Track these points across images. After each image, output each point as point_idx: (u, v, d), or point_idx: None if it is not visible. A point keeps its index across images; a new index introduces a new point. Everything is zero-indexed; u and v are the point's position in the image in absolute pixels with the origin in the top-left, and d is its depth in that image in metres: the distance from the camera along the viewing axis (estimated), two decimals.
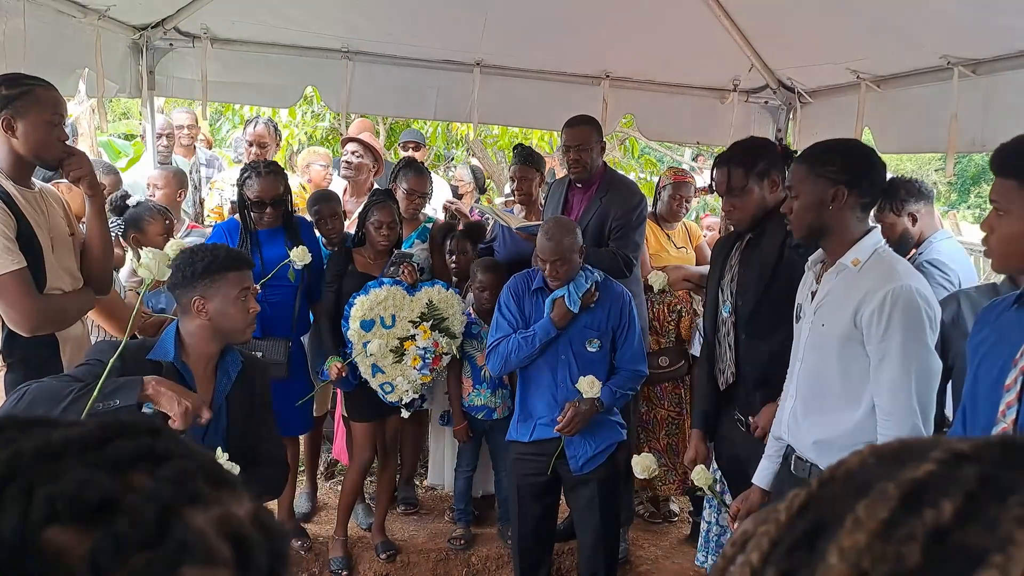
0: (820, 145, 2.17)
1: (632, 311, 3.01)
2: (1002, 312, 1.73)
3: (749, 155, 2.54)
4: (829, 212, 2.06)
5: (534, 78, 4.46)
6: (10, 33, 2.83)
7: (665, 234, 4.01)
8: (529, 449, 3.04)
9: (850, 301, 2.02)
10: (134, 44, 3.98)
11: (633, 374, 3.01)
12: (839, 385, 2.08)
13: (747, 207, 2.50)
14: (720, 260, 2.68)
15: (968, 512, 0.34)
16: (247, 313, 2.22)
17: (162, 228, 3.23)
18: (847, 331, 2.03)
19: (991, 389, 1.64)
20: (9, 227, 2.13)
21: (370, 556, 3.55)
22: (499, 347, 3.00)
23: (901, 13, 3.16)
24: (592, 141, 3.44)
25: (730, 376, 2.57)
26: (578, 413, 2.87)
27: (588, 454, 2.96)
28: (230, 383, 2.26)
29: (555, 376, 2.96)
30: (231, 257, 2.23)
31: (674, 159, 9.71)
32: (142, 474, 0.41)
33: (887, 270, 2.02)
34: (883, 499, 0.36)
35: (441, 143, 8.41)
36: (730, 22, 3.94)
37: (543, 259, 2.89)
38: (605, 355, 2.98)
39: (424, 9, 3.97)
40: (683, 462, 3.79)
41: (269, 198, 3.23)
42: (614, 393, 2.95)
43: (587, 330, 2.95)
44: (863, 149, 2.19)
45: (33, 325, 2.17)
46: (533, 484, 3.08)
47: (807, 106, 4.47)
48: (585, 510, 3.06)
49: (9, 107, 2.16)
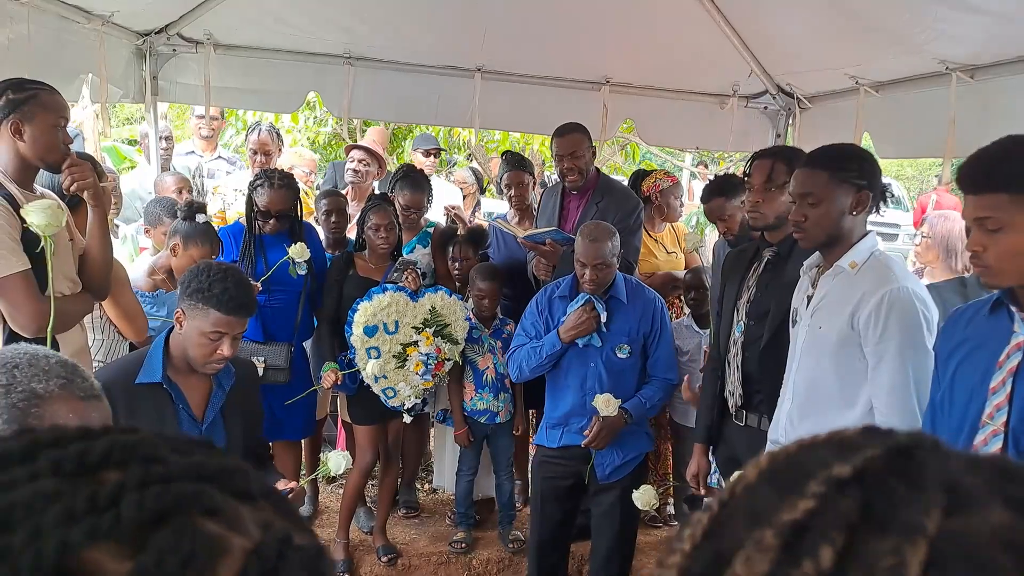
0: (833, 150, 2.14)
1: (664, 317, 2.99)
2: (973, 317, 1.73)
3: (796, 157, 2.53)
4: (851, 218, 2.05)
5: (535, 83, 4.48)
6: (14, 38, 2.84)
7: (653, 237, 4.01)
8: (555, 453, 3.03)
9: (847, 303, 2.03)
10: (137, 50, 4.00)
11: (664, 382, 2.99)
12: (835, 387, 2.08)
13: (776, 207, 2.47)
14: (737, 278, 2.63)
15: (848, 553, 0.34)
16: (212, 354, 2.13)
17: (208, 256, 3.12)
18: (844, 333, 2.03)
19: (971, 393, 1.65)
20: (15, 228, 2.15)
21: (371, 560, 3.56)
22: (515, 354, 3.00)
23: (899, 19, 3.18)
24: (583, 147, 3.46)
25: (739, 398, 2.55)
26: (604, 427, 2.85)
27: (616, 463, 2.95)
28: (224, 395, 2.25)
29: (584, 383, 2.93)
30: (228, 297, 2.12)
31: (675, 164, 9.72)
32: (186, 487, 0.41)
33: (884, 272, 2.02)
34: (761, 550, 0.35)
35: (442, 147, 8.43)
36: (730, 28, 3.96)
37: (584, 262, 2.81)
38: (636, 362, 2.94)
39: (426, 15, 3.99)
40: (677, 472, 3.82)
41: (276, 210, 3.23)
42: (643, 404, 2.93)
43: (618, 335, 2.91)
44: (868, 152, 2.20)
45: (37, 327, 2.18)
46: (557, 488, 3.07)
47: (806, 111, 4.48)
48: (604, 517, 3.05)
49: (17, 111, 2.17)
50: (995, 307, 1.68)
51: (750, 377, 2.52)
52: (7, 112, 2.17)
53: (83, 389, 1.20)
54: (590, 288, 2.85)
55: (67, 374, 1.20)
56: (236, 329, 2.16)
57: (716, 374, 2.68)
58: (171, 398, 2.16)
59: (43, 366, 1.18)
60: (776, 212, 2.49)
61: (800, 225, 2.10)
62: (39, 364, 1.18)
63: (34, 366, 1.17)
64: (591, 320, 2.86)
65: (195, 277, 2.17)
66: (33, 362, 1.18)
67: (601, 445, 2.88)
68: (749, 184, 2.57)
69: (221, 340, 2.13)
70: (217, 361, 2.16)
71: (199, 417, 2.22)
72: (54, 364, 1.20)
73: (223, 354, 2.14)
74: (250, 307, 2.21)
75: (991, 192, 1.55)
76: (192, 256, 3.04)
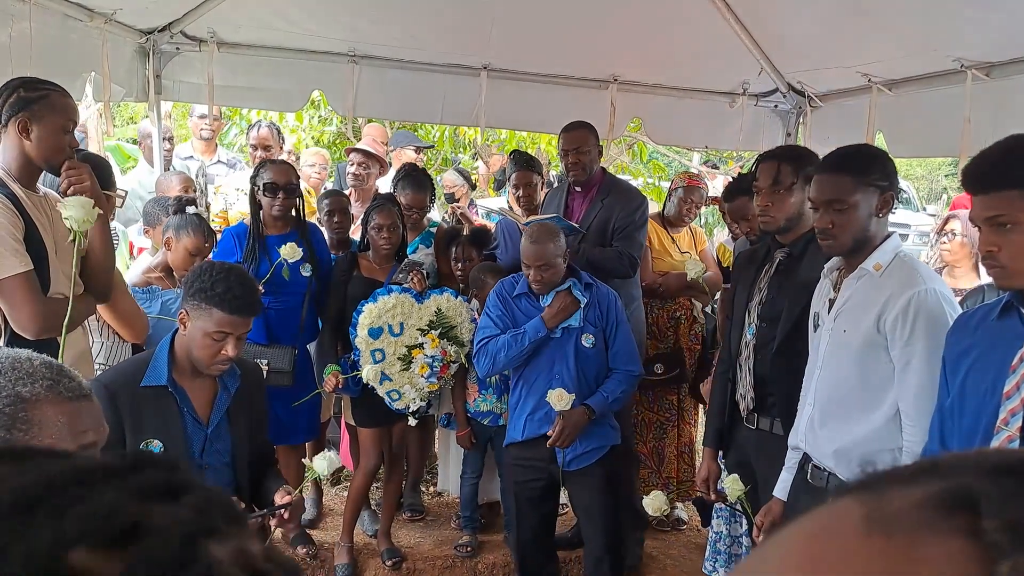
0: (854, 152, 2.11)
1: (619, 310, 3.03)
2: (982, 322, 1.71)
3: (802, 156, 2.51)
4: (877, 221, 2.02)
5: (541, 82, 4.44)
6: (17, 37, 2.82)
7: (670, 236, 3.98)
8: (522, 454, 3.05)
9: (873, 306, 1.99)
10: (141, 48, 3.97)
11: (626, 375, 3.01)
12: (859, 391, 2.05)
13: (785, 209, 2.44)
14: (748, 281, 2.61)
15: None
16: (215, 355, 2.11)
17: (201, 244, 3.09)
18: (870, 336, 1.99)
19: (983, 400, 1.63)
20: (18, 229, 2.13)
21: (376, 563, 3.53)
22: (487, 346, 2.99)
23: (913, 16, 3.13)
24: (589, 143, 3.48)
25: (751, 402, 2.52)
26: (567, 425, 2.87)
27: (576, 451, 2.96)
28: (230, 398, 2.23)
29: (552, 370, 2.96)
30: (232, 297, 2.10)
31: (682, 163, 9.67)
32: (164, 504, 0.41)
33: (910, 274, 1.99)
34: None
35: (448, 147, 8.39)
36: (739, 25, 3.90)
37: (527, 263, 2.90)
38: (600, 352, 2.99)
39: (431, 13, 3.95)
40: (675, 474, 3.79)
41: (283, 182, 3.23)
42: (606, 399, 2.95)
43: (586, 323, 2.96)
44: (884, 152, 2.17)
45: (39, 328, 2.16)
46: (530, 490, 3.08)
47: (817, 110, 4.43)
48: (587, 520, 3.07)
49: (26, 110, 2.15)
50: (1004, 311, 1.66)
51: (762, 380, 2.49)
52: (16, 110, 2.15)
53: (71, 389, 1.16)
54: (537, 288, 2.94)
55: (53, 375, 1.15)
56: (240, 329, 2.13)
57: (726, 377, 2.65)
58: (176, 401, 2.14)
59: (27, 369, 1.13)
60: (786, 214, 2.45)
61: (827, 232, 2.04)
62: (22, 367, 1.13)
63: (17, 369, 1.13)
64: (573, 304, 2.93)
65: (198, 277, 2.15)
66: (16, 365, 1.13)
67: (565, 443, 2.90)
68: (756, 187, 2.53)
69: (225, 340, 2.11)
70: (222, 362, 2.14)
71: (204, 420, 2.20)
72: (38, 366, 1.15)
73: (228, 355, 2.12)
74: (254, 306, 2.19)
75: (1001, 190, 1.54)
76: (186, 247, 3.03)
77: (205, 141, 4.96)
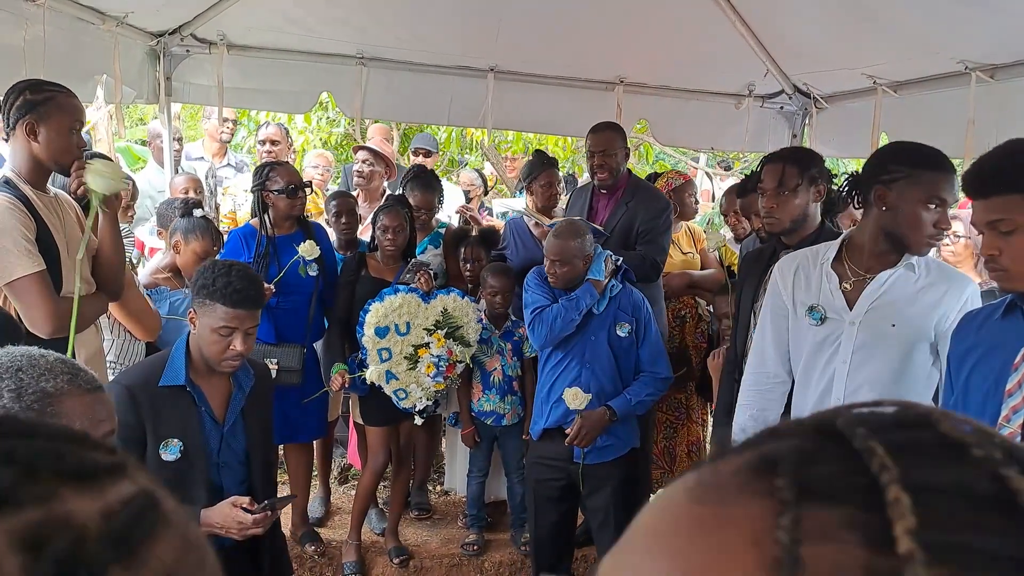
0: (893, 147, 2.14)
1: (648, 312, 3.03)
2: (985, 321, 1.73)
3: (806, 157, 2.52)
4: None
5: (548, 84, 4.46)
6: (30, 40, 2.85)
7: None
8: (543, 451, 3.04)
9: (925, 302, 2.02)
10: (151, 50, 4.01)
11: (653, 377, 3.00)
12: (895, 386, 2.04)
13: (790, 210, 2.45)
14: (753, 281, 2.60)
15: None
16: (224, 350, 2.13)
17: (209, 247, 3.15)
18: (922, 332, 2.01)
19: (985, 397, 1.64)
20: (30, 230, 2.15)
21: (383, 561, 3.56)
22: (542, 315, 2.93)
23: (918, 18, 3.14)
24: (617, 146, 3.46)
25: None
26: (586, 424, 2.86)
27: (595, 444, 2.94)
28: (244, 397, 2.26)
29: (583, 357, 2.94)
30: (232, 291, 2.12)
31: (688, 164, 9.66)
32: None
33: (948, 269, 2.04)
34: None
35: (455, 148, 8.41)
36: (745, 27, 3.92)
37: (547, 256, 2.92)
38: (632, 345, 2.98)
39: (438, 15, 3.98)
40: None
41: (299, 181, 3.31)
42: (629, 401, 2.93)
43: (620, 312, 2.96)
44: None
45: (53, 327, 2.19)
46: (549, 489, 3.07)
47: (823, 111, 4.44)
48: (601, 524, 3.05)
49: (33, 112, 2.18)
50: (1008, 310, 1.68)
51: None
52: (23, 112, 2.18)
53: (87, 382, 1.20)
54: (553, 282, 2.94)
55: (69, 369, 1.19)
56: (246, 323, 2.15)
57: (733, 378, 2.65)
58: (194, 400, 2.17)
59: (45, 365, 1.17)
60: (791, 216, 2.47)
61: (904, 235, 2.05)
62: (40, 364, 1.17)
63: (36, 366, 1.16)
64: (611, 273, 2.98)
65: (201, 275, 2.19)
66: (34, 362, 1.17)
67: (584, 443, 2.88)
68: (761, 188, 2.55)
69: (232, 336, 2.13)
70: (232, 358, 2.16)
71: (220, 419, 2.23)
72: (53, 362, 1.19)
73: (237, 350, 2.14)
74: (256, 299, 2.20)
75: (1002, 194, 1.55)
76: (195, 250, 3.07)
77: (222, 144, 5.02)
